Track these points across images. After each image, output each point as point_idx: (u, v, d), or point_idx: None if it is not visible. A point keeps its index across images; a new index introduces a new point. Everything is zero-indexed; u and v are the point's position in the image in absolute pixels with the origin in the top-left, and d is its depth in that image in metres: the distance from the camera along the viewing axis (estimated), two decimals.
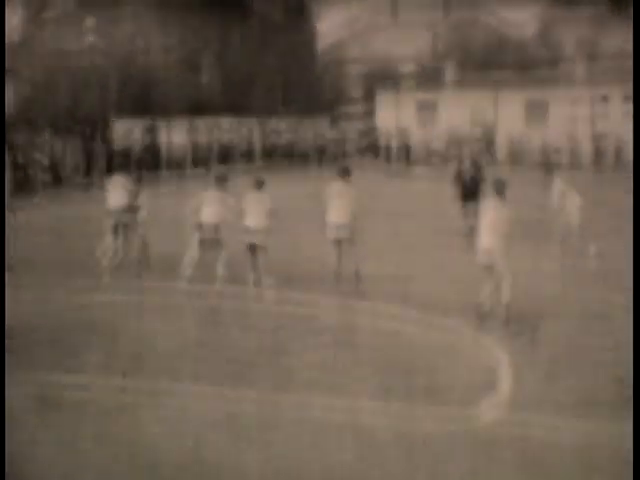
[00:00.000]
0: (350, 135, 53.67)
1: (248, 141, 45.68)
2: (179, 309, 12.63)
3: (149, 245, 15.74)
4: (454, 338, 10.91)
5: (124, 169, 19.30)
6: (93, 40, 39.36)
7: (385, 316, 12.03)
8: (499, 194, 11.85)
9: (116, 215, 15.51)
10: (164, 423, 7.96)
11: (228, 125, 44.55)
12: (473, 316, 11.70)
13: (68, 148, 32.69)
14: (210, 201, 14.00)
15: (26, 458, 7.23)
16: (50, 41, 38.06)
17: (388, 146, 51.80)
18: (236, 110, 46.03)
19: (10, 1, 35.01)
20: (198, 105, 44.02)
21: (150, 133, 38.79)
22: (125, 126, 37.50)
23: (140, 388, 8.86)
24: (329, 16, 68.59)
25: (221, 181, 14.20)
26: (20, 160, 29.63)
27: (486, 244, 11.73)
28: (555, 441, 7.51)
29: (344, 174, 14.26)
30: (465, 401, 8.53)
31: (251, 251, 13.91)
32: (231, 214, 13.88)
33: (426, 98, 55.24)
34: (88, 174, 32.69)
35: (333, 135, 52.62)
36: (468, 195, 19.31)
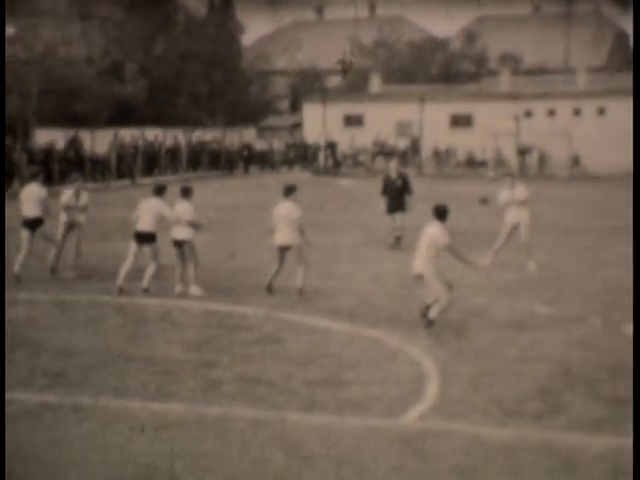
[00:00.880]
0: (277, 146, 53.64)
1: (174, 151, 45.30)
2: (104, 321, 12.38)
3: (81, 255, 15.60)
4: (382, 349, 10.89)
5: (44, 179, 18.93)
6: (13, 49, 38.65)
7: (315, 328, 11.97)
8: (439, 219, 11.90)
9: (28, 225, 15.16)
10: (87, 438, 7.75)
11: (153, 135, 44.13)
12: (402, 326, 11.73)
13: None
14: (146, 210, 13.89)
15: None
16: None
17: (316, 157, 51.96)
18: (162, 120, 45.69)
19: None
20: (123, 115, 43.58)
21: (73, 143, 38.22)
22: (48, 136, 36.95)
23: (62, 404, 8.63)
24: (254, 29, 68.58)
25: (160, 191, 14.11)
26: None
27: (417, 268, 11.83)
28: (480, 450, 7.52)
29: (289, 193, 14.09)
30: (393, 412, 8.50)
31: (181, 261, 13.89)
32: (167, 224, 13.86)
33: (352, 110, 55.56)
34: (10, 183, 32.03)
35: (260, 146, 52.55)
36: (394, 206, 19.40)
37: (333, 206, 28.55)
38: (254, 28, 72.76)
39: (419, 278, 11.90)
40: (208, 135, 49.69)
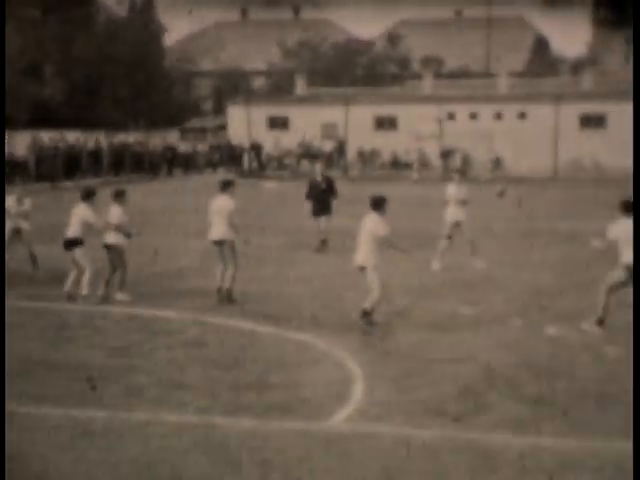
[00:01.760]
0: (201, 149, 53.30)
1: (96, 154, 44.65)
2: (24, 326, 12.12)
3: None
4: (308, 352, 10.87)
5: None
6: None
7: (240, 331, 11.90)
8: (376, 210, 11.99)
9: None
10: (7, 446, 7.55)
11: (74, 138, 43.42)
12: (327, 329, 11.74)
13: None
14: (73, 216, 13.67)
15: None
16: None
17: (240, 159, 51.77)
18: (83, 122, 44.98)
19: None
20: (42, 117, 42.78)
21: None
22: None
23: None
24: (176, 29, 68.05)
25: (87, 196, 13.86)
26: None
27: (359, 260, 11.98)
28: (405, 451, 7.54)
29: (225, 187, 13.82)
30: (319, 415, 8.48)
31: (111, 266, 13.67)
32: (95, 229, 13.69)
33: (277, 112, 55.52)
34: None
35: (184, 148, 52.12)
36: (319, 209, 19.42)
37: (258, 209, 28.44)
38: (176, 29, 72.24)
39: (361, 270, 11.99)
40: (131, 137, 49.11)
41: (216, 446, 7.65)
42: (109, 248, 13.72)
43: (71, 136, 43.26)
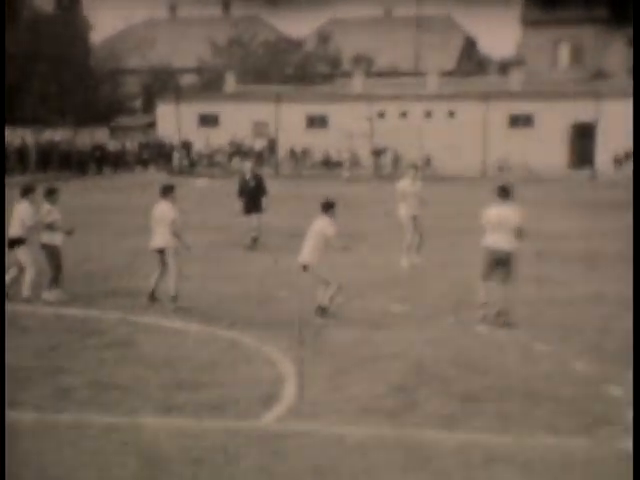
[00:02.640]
0: (130, 146, 52.73)
1: (21, 152, 43.84)
2: None
3: None
4: (239, 350, 10.82)
5: None
6: None
7: (170, 330, 11.80)
8: (326, 212, 12.34)
9: None
10: None
11: None
12: (259, 327, 11.72)
13: None
14: (15, 214, 13.41)
15: None
16: None
17: (170, 157, 51.36)
18: (8, 120, 44.08)
19: None
20: None
21: None
22: None
23: None
24: (103, 26, 67.23)
25: (25, 193, 13.58)
26: None
27: (304, 258, 12.27)
28: (337, 449, 7.55)
29: (165, 193, 13.31)
30: (251, 413, 8.45)
31: (50, 266, 13.43)
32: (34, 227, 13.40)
33: (207, 110, 55.23)
34: None
35: (113, 146, 51.50)
36: (250, 207, 19.37)
37: (188, 206, 28.20)
38: (104, 26, 71.40)
39: (305, 269, 12.26)
40: (58, 135, 48.35)
41: (147, 446, 7.56)
42: (45, 247, 13.46)
43: None
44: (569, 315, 12.84)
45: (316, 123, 53.77)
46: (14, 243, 13.47)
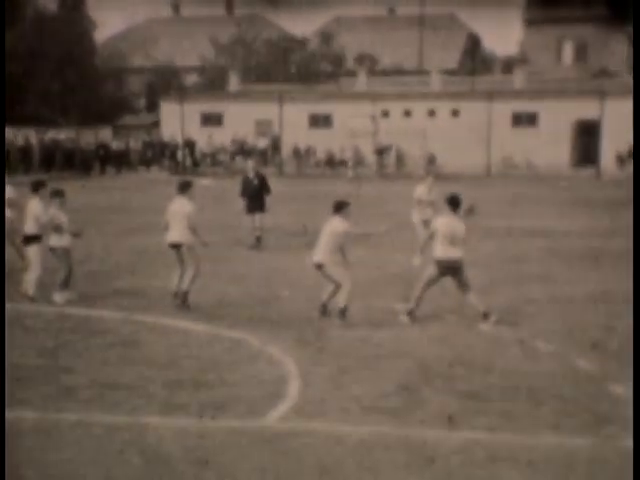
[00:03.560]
0: (134, 146, 52.75)
1: (25, 151, 43.87)
2: None
3: None
4: (243, 350, 10.83)
5: None
6: None
7: (174, 329, 11.81)
8: (339, 213, 12.28)
9: None
10: None
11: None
12: (262, 327, 11.73)
13: None
14: (29, 211, 13.46)
15: None
16: None
17: (174, 157, 51.36)
18: (11, 119, 44.15)
19: None
20: None
21: None
22: None
23: None
24: (107, 25, 67.17)
25: (35, 189, 13.61)
26: None
27: (317, 257, 12.19)
28: (340, 448, 7.56)
29: (183, 189, 13.43)
30: (255, 413, 8.46)
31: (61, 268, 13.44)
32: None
33: (211, 109, 55.20)
34: None
35: (117, 146, 51.52)
36: (254, 206, 19.37)
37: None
38: (108, 25, 71.41)
39: (319, 267, 12.19)
40: (62, 134, 48.39)
41: (150, 446, 7.57)
42: (53, 250, 13.42)
43: None
44: (572, 313, 12.84)
45: (320, 122, 53.72)
46: (30, 240, 13.48)
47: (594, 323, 12.15)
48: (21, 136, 44.10)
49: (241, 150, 51.12)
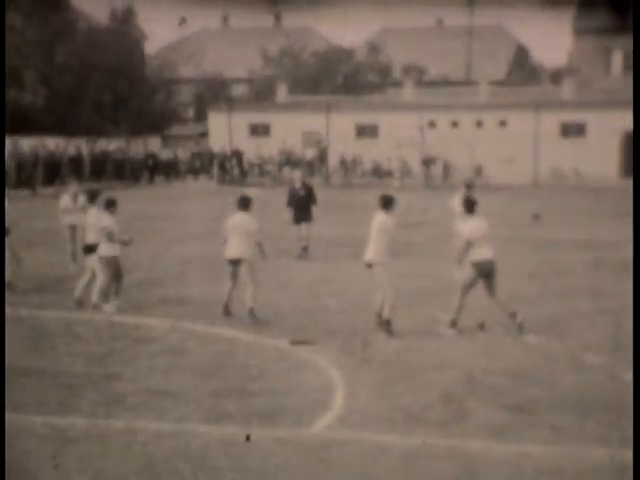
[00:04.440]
0: (182, 156, 53.18)
1: (76, 161, 44.42)
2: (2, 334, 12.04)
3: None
4: (289, 359, 10.87)
5: None
6: None
7: (221, 338, 11.88)
8: (385, 208, 12.19)
9: None
10: None
11: (54, 144, 43.22)
12: (308, 336, 11.76)
13: None
14: (90, 223, 13.64)
15: None
16: None
17: (221, 167, 51.67)
18: (63, 129, 44.78)
19: None
20: (22, 124, 42.57)
21: None
22: None
23: None
24: (158, 37, 67.80)
25: (94, 198, 13.84)
26: None
27: (368, 255, 12.17)
28: (385, 458, 7.56)
29: (243, 204, 13.19)
30: (301, 422, 8.48)
31: (116, 275, 13.57)
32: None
33: (258, 119, 55.48)
34: None
35: (165, 155, 51.98)
36: (300, 216, 19.44)
37: None
38: (158, 36, 72.11)
39: (369, 267, 12.16)
40: (112, 144, 48.96)
41: (197, 454, 7.63)
42: (104, 259, 13.52)
43: (51, 143, 43.07)
44: (621, 326, 12.69)
45: (366, 132, 53.74)
46: (91, 250, 13.65)
47: None
48: (73, 146, 44.67)
49: (288, 161, 51.29)
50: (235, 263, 13.09)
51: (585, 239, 22.79)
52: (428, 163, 50.05)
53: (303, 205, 19.50)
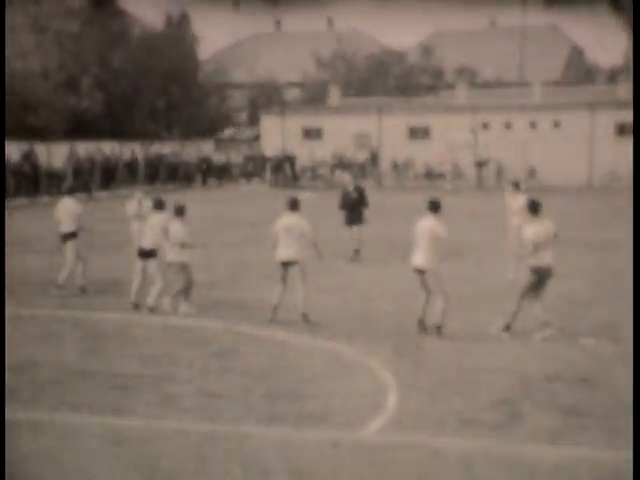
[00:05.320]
0: (235, 159, 53.48)
1: (131, 165, 44.96)
2: (61, 336, 12.24)
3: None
4: (341, 361, 10.88)
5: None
6: None
7: (273, 341, 11.93)
8: (433, 212, 12.15)
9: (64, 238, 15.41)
10: (44, 455, 7.64)
11: (110, 149, 43.80)
12: (360, 339, 11.75)
13: None
14: (149, 226, 13.79)
15: None
16: None
17: (275, 171, 51.83)
18: (119, 134, 45.34)
19: None
20: (79, 129, 43.19)
21: (29, 157, 37.79)
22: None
23: (19, 420, 8.50)
24: (212, 41, 68.20)
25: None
26: None
27: (418, 261, 12.11)
28: (439, 461, 7.52)
29: (293, 206, 13.05)
30: (352, 425, 8.49)
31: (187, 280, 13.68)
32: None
33: (311, 123, 55.57)
34: None
35: (218, 159, 52.33)
36: (352, 219, 19.47)
37: None
38: (212, 41, 72.59)
39: (421, 273, 12.09)
40: (166, 148, 49.43)
41: (250, 456, 7.67)
42: (174, 265, 13.57)
43: (107, 147, 43.65)
44: None
45: (418, 135, 53.51)
46: (148, 255, 13.76)
47: None
48: (127, 150, 45.21)
49: (340, 163, 51.29)
50: (287, 265, 12.97)
51: None
52: (481, 165, 49.71)
53: (355, 207, 19.52)
